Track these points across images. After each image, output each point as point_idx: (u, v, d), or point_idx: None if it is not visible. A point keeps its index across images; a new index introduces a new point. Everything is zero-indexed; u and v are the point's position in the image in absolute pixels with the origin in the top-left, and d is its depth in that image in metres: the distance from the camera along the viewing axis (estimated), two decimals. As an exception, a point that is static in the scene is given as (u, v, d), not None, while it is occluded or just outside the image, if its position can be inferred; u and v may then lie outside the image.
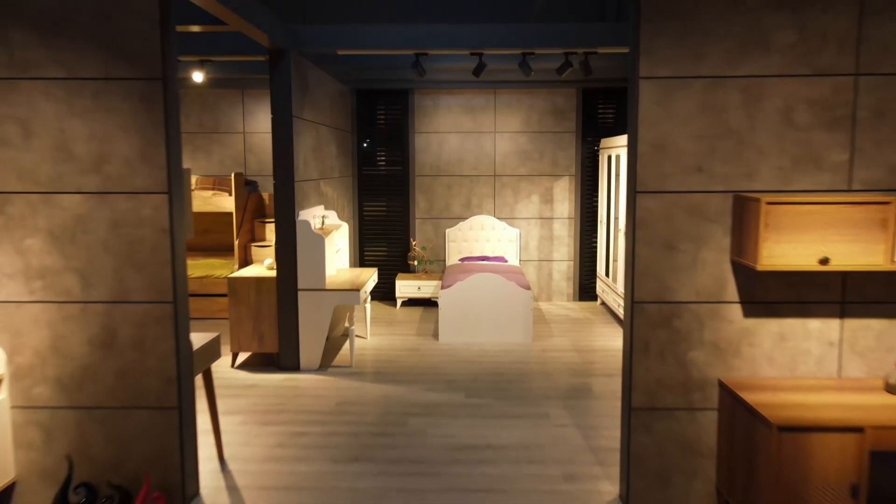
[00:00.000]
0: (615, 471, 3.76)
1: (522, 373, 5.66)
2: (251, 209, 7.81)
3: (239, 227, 7.56)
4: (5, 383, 3.30)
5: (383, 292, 8.43)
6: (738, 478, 3.06)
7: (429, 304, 8.20)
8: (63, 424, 3.33)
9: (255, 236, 7.87)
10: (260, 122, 8.29)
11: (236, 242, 7.53)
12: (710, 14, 3.09)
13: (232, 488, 3.63)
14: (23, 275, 3.25)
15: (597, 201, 8.29)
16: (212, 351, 3.84)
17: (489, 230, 8.29)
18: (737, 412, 3.07)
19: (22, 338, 3.28)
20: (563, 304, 8.37)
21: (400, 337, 6.83)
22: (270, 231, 7.76)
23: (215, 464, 3.90)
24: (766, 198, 2.90)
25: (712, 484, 3.33)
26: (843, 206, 2.90)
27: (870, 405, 2.89)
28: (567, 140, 8.30)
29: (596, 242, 8.37)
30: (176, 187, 3.28)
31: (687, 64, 3.12)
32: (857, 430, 2.70)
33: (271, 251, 7.35)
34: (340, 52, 5.74)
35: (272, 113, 5.48)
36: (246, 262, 7.61)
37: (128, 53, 3.15)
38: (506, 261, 7.99)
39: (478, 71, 5.74)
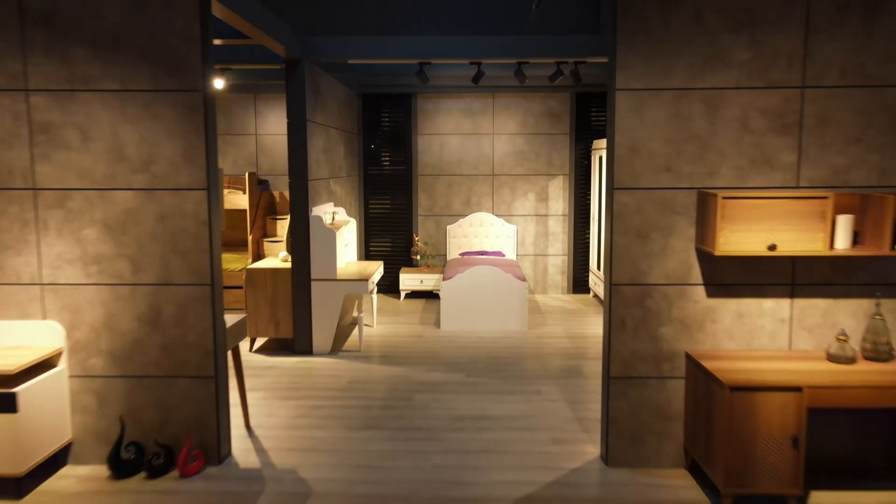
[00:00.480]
0: (598, 436, 4.25)
1: (517, 356, 6.15)
2: (263, 206, 8.30)
3: (252, 224, 8.04)
4: (64, 355, 3.79)
5: (388, 285, 8.92)
6: (700, 435, 3.55)
7: (431, 296, 8.69)
8: (115, 391, 3.83)
9: (266, 232, 8.36)
10: (271, 125, 8.77)
11: (250, 237, 8.01)
12: (676, 35, 3.58)
13: (259, 450, 4.11)
14: (80, 261, 3.74)
15: (589, 199, 8.78)
16: (240, 329, 4.34)
17: (488, 226, 8.78)
18: (699, 378, 3.56)
19: (79, 315, 3.78)
20: (557, 297, 8.85)
21: (404, 325, 7.32)
22: (281, 227, 8.25)
23: (243, 430, 4.39)
24: (722, 193, 3.39)
25: (680, 443, 3.82)
26: (788, 200, 3.39)
27: (810, 370, 3.38)
28: (561, 141, 8.79)
29: (588, 238, 8.86)
30: (213, 185, 3.77)
31: (657, 78, 3.61)
32: (797, 389, 3.19)
33: (282, 245, 7.85)
34: (350, 62, 6.22)
35: (288, 117, 5.97)
36: (259, 256, 8.09)
37: (172, 68, 3.64)
38: (503, 255, 8.48)
39: (476, 78, 6.24)
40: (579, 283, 8.98)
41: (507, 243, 8.76)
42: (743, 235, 3.41)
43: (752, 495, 3.38)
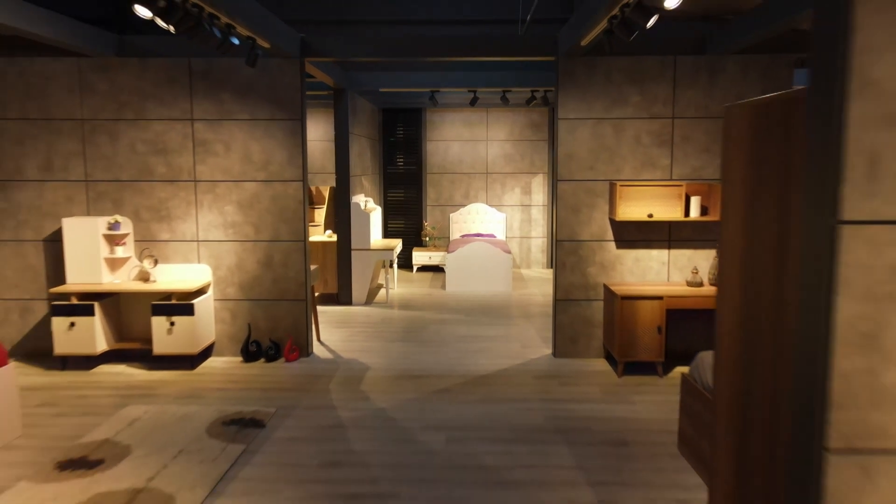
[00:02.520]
0: (550, 342, 6.46)
1: (503, 306, 8.36)
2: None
3: (298, 211, 10.24)
4: (212, 286, 6.00)
5: (402, 261, 11.14)
6: (608, 333, 5.77)
7: (437, 269, 10.90)
8: (242, 309, 6.04)
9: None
10: (311, 133, 10.97)
11: (296, 222, 10.21)
12: (595, 85, 5.79)
13: (330, 350, 6.32)
14: (222, 226, 5.95)
15: (564, 192, 10.99)
16: (316, 274, 6.56)
17: (483, 214, 11.00)
18: (609, 298, 5.78)
19: (220, 260, 5.99)
20: (538, 270, 11.07)
21: (418, 289, 9.54)
22: (318, 214, 10.44)
23: (316, 341, 6.60)
24: (621, 183, 5.60)
25: (600, 341, 6.04)
26: (661, 187, 5.60)
27: (671, 290, 5.59)
28: (541, 146, 11.00)
29: (563, 224, 11.07)
30: (305, 178, 5.98)
31: (583, 111, 5.82)
32: (659, 298, 5.41)
33: (320, 229, 10.04)
34: (381, 90, 8.44)
35: (335, 130, 8.18)
36: (303, 236, 10.28)
37: (282, 105, 5.85)
38: (495, 236, 10.69)
39: (473, 102, 8.47)
40: (556, 260, 11.20)
41: (498, 227, 10.98)
42: (634, 209, 5.64)
43: (635, 362, 5.61)
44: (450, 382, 5.40)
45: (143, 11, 3.76)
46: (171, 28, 3.80)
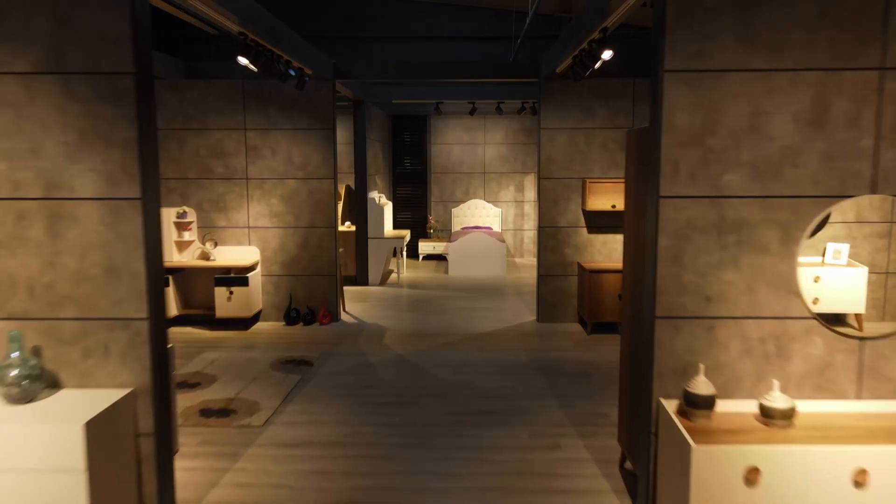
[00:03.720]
0: (535, 311, 7.86)
1: (497, 287, 9.76)
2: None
3: (318, 206, 11.63)
4: (259, 264, 7.40)
5: (409, 251, 12.53)
6: (581, 301, 7.17)
7: (441, 258, 12.31)
8: (284, 283, 7.45)
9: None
10: (327, 137, 12.33)
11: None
12: (570, 101, 7.18)
13: (353, 318, 7.71)
14: (268, 215, 7.35)
15: (552, 190, 12.38)
16: (341, 256, 7.96)
17: (481, 209, 12.39)
18: (581, 273, 7.18)
19: (266, 243, 7.39)
20: (530, 259, 12.47)
21: (423, 274, 10.94)
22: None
23: (342, 311, 8.01)
24: (590, 180, 7.00)
25: (575, 308, 7.44)
26: (622, 183, 7.00)
27: (631, 265, 6.98)
28: (533, 149, 12.41)
29: (552, 217, 12.47)
30: (335, 177, 7.38)
31: (561, 122, 7.21)
32: (619, 271, 6.81)
33: (338, 221, 11.42)
34: (393, 101, 9.84)
35: (355, 136, 9.58)
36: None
37: (318, 118, 7.25)
38: (492, 229, 12.09)
39: (472, 112, 9.87)
40: (546, 250, 12.60)
41: (494, 221, 12.38)
42: (601, 201, 7.03)
43: (601, 322, 7.01)
44: (453, 338, 6.80)
45: (243, 60, 5.16)
46: (255, 68, 5.20)
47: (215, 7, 4.12)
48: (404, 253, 10.93)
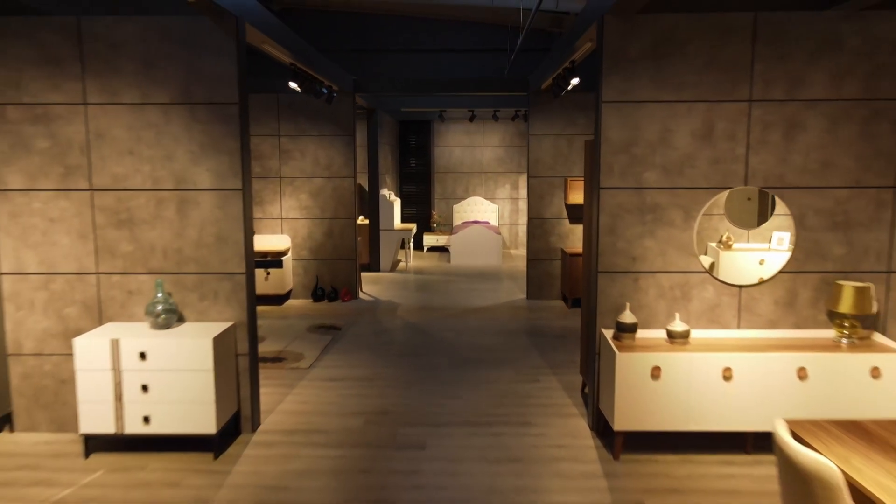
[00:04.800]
0: (525, 290, 9.16)
1: (493, 273, 11.07)
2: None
3: (333, 202, 12.93)
4: (290, 250, 8.71)
5: (414, 243, 13.84)
6: (563, 281, 8.47)
7: (443, 250, 13.61)
8: (311, 266, 8.76)
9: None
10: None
11: (331, 211, 12.90)
12: (553, 114, 8.49)
13: (370, 296, 9.02)
14: (298, 208, 8.66)
15: (544, 188, 13.68)
16: (360, 244, 9.26)
17: (479, 205, 13.69)
18: (564, 257, 8.48)
19: (296, 232, 8.70)
20: (524, 251, 13.77)
21: (428, 263, 12.25)
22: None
23: (360, 292, 9.31)
24: (570, 179, 8.31)
25: (559, 288, 8.74)
26: (597, 181, 8.30)
27: (605, 250, 8.30)
28: (525, 151, 13.69)
29: (544, 213, 13.77)
30: (354, 176, 8.69)
31: (547, 129, 8.51)
32: (595, 255, 8.11)
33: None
34: (402, 110, 11.16)
35: (368, 140, 10.89)
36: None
37: (341, 125, 8.56)
38: (489, 223, 13.40)
39: (472, 118, 11.19)
40: (538, 242, 13.91)
41: (492, 216, 13.68)
42: (580, 196, 8.34)
43: (579, 298, 8.31)
44: (456, 311, 8.11)
45: (293, 85, 6.50)
46: (300, 90, 6.52)
47: (276, 46, 5.41)
48: (411, 244, 12.23)
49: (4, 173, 4.17)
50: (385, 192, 11.43)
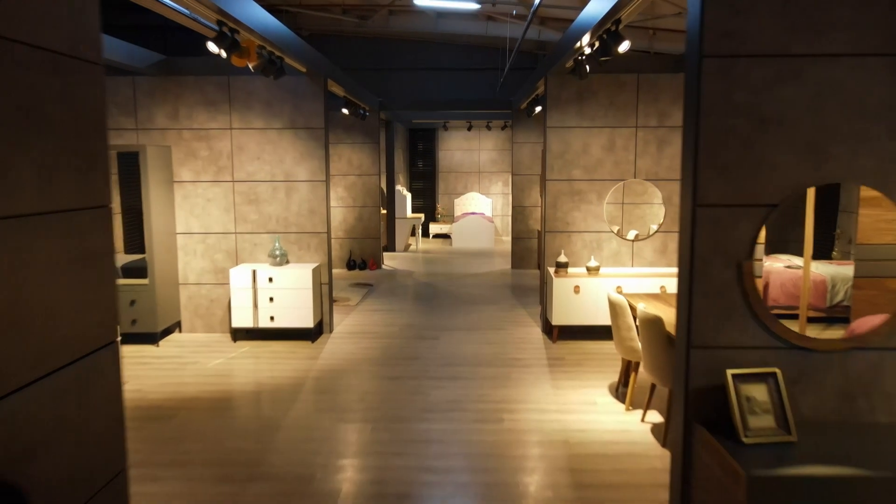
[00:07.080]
0: (510, 262, 11.78)
1: (487, 253, 13.70)
2: (358, 188, 15.83)
3: (354, 197, 15.58)
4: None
5: (422, 231, 16.45)
6: (538, 253, 11.12)
7: (446, 237, 16.25)
8: (346, 244, 11.39)
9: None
10: (360, 145, 16.27)
11: (353, 204, 15.55)
12: (531, 125, 11.11)
13: (390, 268, 11.65)
14: (337, 199, 11.30)
15: (531, 185, 16.32)
16: (383, 228, 11.92)
17: (476, 199, 16.32)
18: (538, 235, 11.11)
19: (334, 217, 11.34)
20: (514, 237, 16.40)
21: (434, 246, 14.89)
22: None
23: (383, 263, 11.95)
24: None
25: (536, 260, 11.38)
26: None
27: (570, 230, 10.95)
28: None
29: (531, 206, 16.40)
30: (379, 175, 11.31)
31: (529, 138, 11.13)
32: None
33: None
34: (414, 121, 13.81)
35: (385, 145, 13.52)
36: (357, 213, 15.63)
37: (369, 135, 11.19)
38: (484, 214, 16.03)
39: (469, 128, 13.84)
40: (526, 231, 16.54)
41: (486, 208, 16.30)
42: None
43: (551, 268, 10.95)
44: (456, 276, 10.74)
45: (345, 111, 9.13)
46: (348, 113, 9.14)
47: (339, 87, 8.03)
48: (419, 231, 14.86)
49: (180, 171, 6.81)
50: (399, 187, 14.06)
